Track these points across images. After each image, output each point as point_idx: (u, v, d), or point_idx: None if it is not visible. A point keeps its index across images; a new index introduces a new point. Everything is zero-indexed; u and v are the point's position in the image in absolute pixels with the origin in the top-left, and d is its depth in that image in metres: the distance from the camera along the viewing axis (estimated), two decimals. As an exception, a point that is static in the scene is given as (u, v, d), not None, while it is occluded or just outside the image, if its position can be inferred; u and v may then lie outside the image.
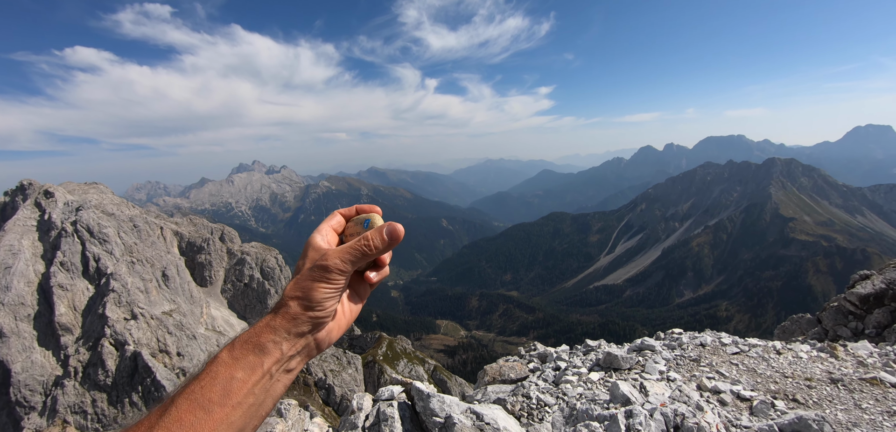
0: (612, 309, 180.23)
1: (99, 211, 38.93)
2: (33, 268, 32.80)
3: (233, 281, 50.26)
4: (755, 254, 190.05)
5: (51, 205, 37.06)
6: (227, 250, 52.98)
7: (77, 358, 29.82)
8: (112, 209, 41.09)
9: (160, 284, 39.28)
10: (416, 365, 39.19)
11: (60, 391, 28.44)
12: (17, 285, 30.91)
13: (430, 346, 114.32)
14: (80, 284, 33.91)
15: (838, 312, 9.76)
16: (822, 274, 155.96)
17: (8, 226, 34.66)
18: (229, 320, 46.58)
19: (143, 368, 29.14)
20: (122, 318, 31.42)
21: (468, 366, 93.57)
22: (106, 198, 43.07)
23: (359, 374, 36.13)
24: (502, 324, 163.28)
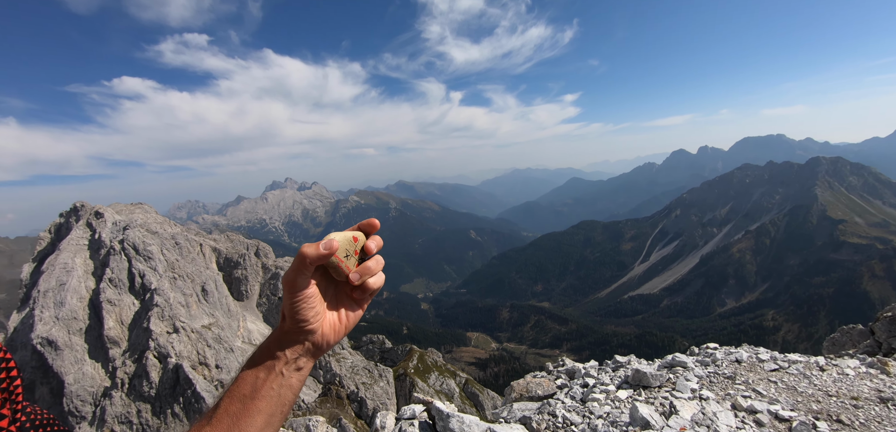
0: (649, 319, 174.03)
1: (144, 229, 40.90)
2: (85, 284, 34.70)
3: (267, 295, 51.58)
4: (803, 260, 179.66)
5: (100, 225, 39.21)
6: (262, 265, 54.52)
7: (124, 370, 31.21)
8: (156, 227, 43.09)
9: (200, 299, 40.75)
10: (447, 379, 38.89)
11: (108, 402, 29.79)
12: (70, 300, 32.76)
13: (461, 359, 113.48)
14: (127, 299, 35.59)
15: (893, 323, 8.88)
16: (879, 279, 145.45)
17: (62, 246, 36.91)
18: (264, 333, 47.74)
19: (184, 380, 30.16)
20: (164, 332, 32.71)
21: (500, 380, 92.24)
22: (150, 217, 45.21)
23: (390, 387, 36.16)
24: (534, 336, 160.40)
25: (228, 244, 56.19)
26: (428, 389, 35.82)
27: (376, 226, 0.89)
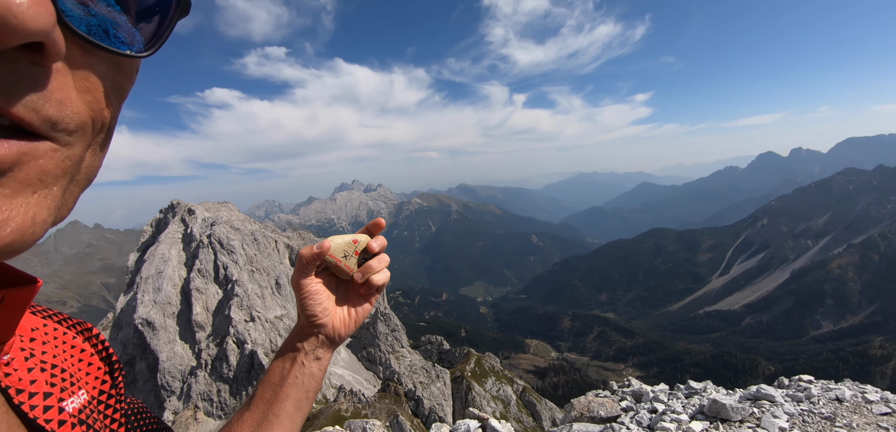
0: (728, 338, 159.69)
1: (228, 226, 44.83)
2: (178, 273, 38.73)
3: (334, 290, 54.38)
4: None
5: (192, 221, 43.53)
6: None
7: (207, 353, 34.43)
8: (238, 224, 47.05)
9: (274, 291, 43.87)
10: (505, 385, 38.49)
11: (194, 379, 33.02)
12: (166, 287, 36.73)
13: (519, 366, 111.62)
14: (212, 288, 39.20)
15: None
16: None
17: (161, 238, 41.49)
18: (330, 327, 50.34)
19: (258, 365, 32.62)
20: (243, 320, 35.62)
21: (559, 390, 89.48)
22: (233, 214, 49.43)
23: (447, 389, 36.50)
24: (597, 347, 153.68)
25: (300, 241, 59.93)
26: (484, 394, 35.72)
27: (381, 226, 0.93)
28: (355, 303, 0.90)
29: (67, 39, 0.27)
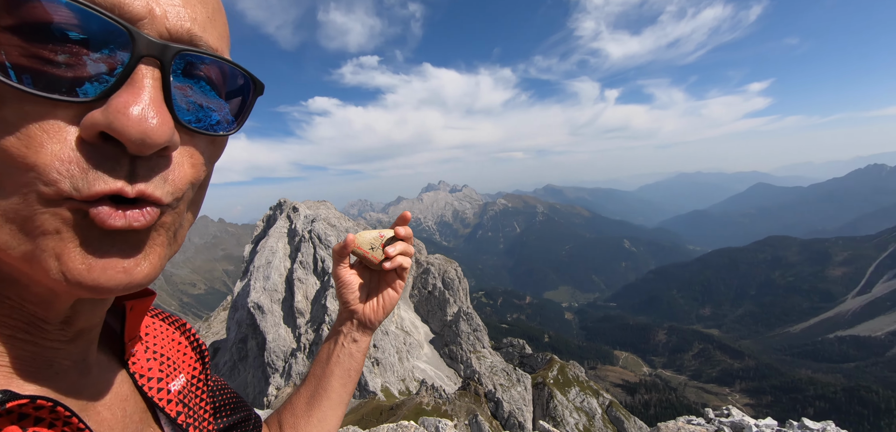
0: (867, 369, 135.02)
1: (326, 223, 48.76)
2: (284, 264, 43.05)
3: (419, 287, 56.28)
4: None
5: (296, 218, 48.07)
6: (416, 260, 59.71)
7: (306, 337, 37.83)
8: (334, 221, 50.95)
9: (364, 285, 46.80)
10: (589, 397, 36.83)
11: (294, 360, 36.49)
12: (273, 276, 41.05)
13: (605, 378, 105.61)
14: (312, 279, 42.96)
15: None
16: None
17: (270, 232, 46.45)
18: (414, 322, 52.24)
19: (349, 354, 35.09)
20: (336, 309, 38.54)
21: (651, 409, 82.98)
22: (331, 212, 53.60)
23: (528, 394, 35.94)
24: (697, 366, 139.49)
25: (388, 238, 63.08)
26: (567, 404, 34.55)
27: (407, 219, 0.99)
28: (385, 292, 0.99)
29: (180, 129, 0.38)
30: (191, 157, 0.40)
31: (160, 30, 0.35)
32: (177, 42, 0.36)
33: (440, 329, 51.28)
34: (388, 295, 0.99)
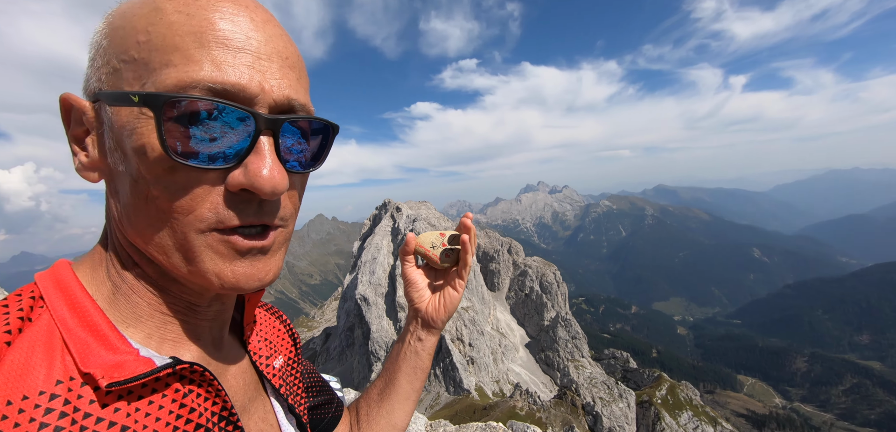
0: None
1: (426, 222, 50.85)
2: (387, 260, 45.88)
3: (516, 290, 55.84)
4: None
5: (399, 217, 50.91)
6: (513, 262, 59.33)
7: (406, 332, 39.88)
8: (434, 221, 52.88)
9: (461, 284, 47.80)
10: (706, 424, 33.13)
11: (396, 353, 38.74)
12: (378, 271, 44.00)
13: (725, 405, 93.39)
14: (412, 276, 45.20)
15: None
16: None
17: (376, 231, 49.85)
18: (510, 324, 51.96)
19: (445, 349, 36.11)
20: (434, 307, 40.01)
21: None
22: (431, 212, 55.72)
23: (631, 412, 33.55)
24: (849, 404, 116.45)
25: (486, 239, 63.55)
26: (677, 428, 31.52)
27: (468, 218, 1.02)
28: (445, 291, 1.02)
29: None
30: (291, 192, 0.58)
31: (269, 102, 0.50)
32: (281, 109, 0.52)
33: (536, 333, 50.26)
34: (449, 294, 1.01)
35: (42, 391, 0.43)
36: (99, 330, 0.51)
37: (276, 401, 0.80)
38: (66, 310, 0.51)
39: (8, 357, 0.43)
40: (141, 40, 0.49)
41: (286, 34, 0.57)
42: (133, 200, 0.51)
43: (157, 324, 0.57)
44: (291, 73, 0.55)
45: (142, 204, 0.50)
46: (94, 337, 0.50)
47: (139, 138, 0.47)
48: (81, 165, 0.54)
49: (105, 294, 0.55)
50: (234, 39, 0.48)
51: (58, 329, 0.49)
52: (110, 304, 0.55)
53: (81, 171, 0.54)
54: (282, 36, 0.55)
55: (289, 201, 0.59)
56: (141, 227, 0.51)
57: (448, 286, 1.02)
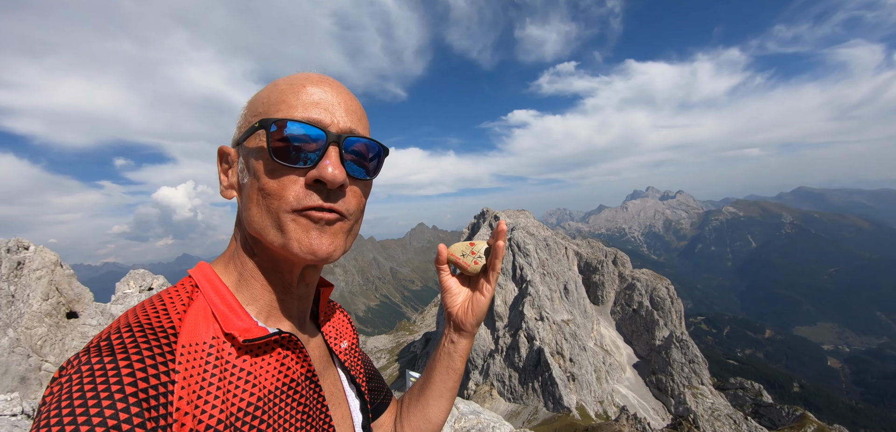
0: None
1: (524, 231, 50.02)
2: (485, 268, 46.13)
3: (622, 304, 52.04)
4: None
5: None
6: (619, 274, 55.45)
7: (503, 341, 39.44)
8: (532, 230, 51.81)
9: (562, 296, 45.98)
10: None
11: (492, 361, 38.47)
12: (476, 279, 44.42)
13: (899, 457, 75.92)
14: (510, 285, 44.65)
15: None
16: None
17: (474, 239, 50.45)
18: (616, 341, 48.50)
19: (544, 363, 34.93)
20: (533, 318, 38.97)
21: None
22: (529, 221, 54.76)
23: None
24: None
25: (589, 250, 60.41)
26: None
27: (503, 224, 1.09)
28: (474, 296, 1.10)
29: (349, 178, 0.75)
30: (354, 192, 0.77)
31: (336, 129, 0.74)
32: (343, 132, 0.74)
33: (646, 353, 46.18)
34: (477, 299, 1.09)
35: (206, 341, 0.67)
36: (232, 306, 0.74)
37: (342, 373, 1.01)
38: (212, 293, 0.74)
39: (187, 319, 0.67)
40: (264, 101, 0.76)
41: (351, 95, 0.81)
42: (250, 196, 0.74)
43: (265, 303, 0.79)
44: (353, 115, 0.77)
45: (255, 196, 0.73)
46: (229, 311, 0.73)
47: (257, 153, 0.73)
48: (224, 188, 0.78)
49: (233, 282, 0.79)
50: (315, 96, 0.74)
51: (209, 305, 0.73)
52: (237, 289, 0.78)
53: (224, 192, 0.78)
54: (347, 94, 0.80)
55: (352, 198, 0.78)
56: (253, 215, 0.74)
57: (477, 291, 1.10)
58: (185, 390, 0.59)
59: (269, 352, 0.75)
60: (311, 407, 0.79)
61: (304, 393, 0.78)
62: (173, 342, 0.62)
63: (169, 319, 0.66)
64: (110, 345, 0.57)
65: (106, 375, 0.56)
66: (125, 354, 0.56)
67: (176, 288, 0.75)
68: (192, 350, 0.64)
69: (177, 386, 0.58)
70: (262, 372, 0.72)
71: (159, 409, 0.56)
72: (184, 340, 0.64)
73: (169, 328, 0.64)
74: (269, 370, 0.74)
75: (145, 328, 0.62)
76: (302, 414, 0.77)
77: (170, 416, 0.56)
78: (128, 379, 0.56)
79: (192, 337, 0.66)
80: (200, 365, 0.64)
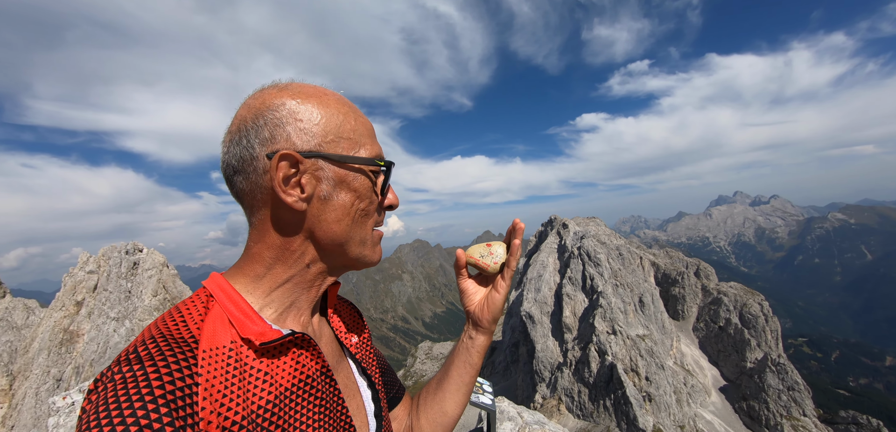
0: None
1: (595, 240, 47.94)
2: (553, 278, 44.78)
3: (706, 320, 47.89)
4: None
5: (565, 234, 49.32)
6: (702, 287, 51.13)
7: (572, 354, 37.95)
8: (604, 239, 49.49)
9: (636, 309, 43.32)
10: None
11: (560, 374, 37.13)
12: (544, 289, 43.26)
13: None
14: (579, 296, 42.96)
15: None
16: None
17: (542, 248, 49.23)
18: (699, 361, 44.66)
19: (617, 380, 33.07)
20: (605, 331, 37.11)
21: None
22: (600, 229, 52.43)
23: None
24: None
25: (667, 260, 56.42)
26: None
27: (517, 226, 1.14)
28: (491, 294, 1.16)
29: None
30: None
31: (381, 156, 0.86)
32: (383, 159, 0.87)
33: (735, 376, 41.94)
34: (492, 296, 1.15)
35: (225, 345, 0.70)
36: (246, 312, 0.77)
37: (354, 365, 1.05)
38: (226, 301, 0.77)
39: (205, 327, 0.71)
40: (349, 127, 0.82)
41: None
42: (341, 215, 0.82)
43: (278, 307, 0.83)
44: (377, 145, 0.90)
45: (354, 215, 0.82)
46: (244, 316, 0.76)
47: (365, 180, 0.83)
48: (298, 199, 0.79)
49: (247, 288, 0.82)
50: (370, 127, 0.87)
51: (225, 312, 0.76)
52: (250, 295, 0.81)
53: (296, 203, 0.79)
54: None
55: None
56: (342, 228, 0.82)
57: (493, 289, 1.16)
58: (208, 392, 0.63)
59: (284, 352, 0.78)
60: (327, 400, 0.83)
61: (320, 388, 0.82)
62: (194, 348, 0.67)
63: (187, 329, 0.70)
64: (138, 356, 0.62)
65: (137, 382, 0.61)
66: (152, 363, 0.62)
67: (192, 299, 0.79)
68: (212, 354, 0.68)
69: (200, 389, 0.62)
70: (279, 372, 0.76)
71: (186, 410, 0.61)
72: (204, 346, 0.68)
73: (188, 337, 0.68)
74: (285, 369, 0.77)
75: (168, 338, 0.66)
76: (319, 408, 0.81)
77: (195, 416, 0.61)
78: (156, 384, 0.61)
79: (211, 343, 0.70)
80: (221, 368, 0.68)
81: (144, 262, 22.10)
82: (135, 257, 22.37)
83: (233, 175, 0.81)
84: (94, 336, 19.17)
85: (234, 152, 0.79)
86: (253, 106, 0.80)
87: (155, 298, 20.99)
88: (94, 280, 21.56)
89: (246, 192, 0.81)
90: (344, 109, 0.84)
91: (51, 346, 18.94)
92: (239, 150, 0.79)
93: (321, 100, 0.82)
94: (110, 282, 20.91)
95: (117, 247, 22.16)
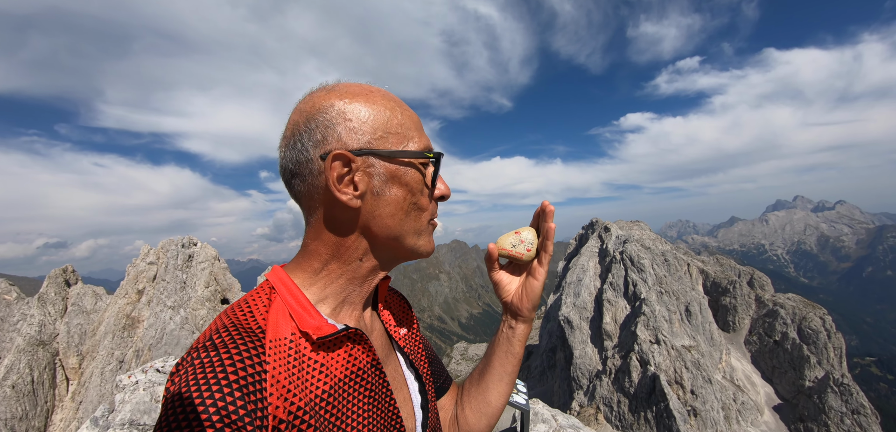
0: None
1: (639, 244, 46.27)
2: (593, 283, 43.64)
3: (760, 333, 45.08)
4: None
5: (607, 238, 47.94)
6: (756, 297, 48.18)
7: (612, 362, 36.81)
8: (648, 244, 47.68)
9: (682, 318, 41.44)
10: None
11: (598, 382, 36.09)
12: (583, 294, 42.26)
13: None
14: (621, 302, 41.61)
15: None
16: None
17: (582, 251, 48.09)
18: (751, 377, 42.12)
19: (660, 392, 31.77)
20: (647, 340, 35.75)
21: None
22: (644, 233, 50.59)
23: None
24: None
25: (717, 268, 53.56)
26: None
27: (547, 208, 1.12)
28: (528, 282, 1.15)
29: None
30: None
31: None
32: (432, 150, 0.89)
33: (791, 395, 39.21)
34: (530, 283, 1.14)
35: (286, 336, 0.75)
36: (304, 306, 0.81)
37: (402, 358, 1.07)
38: (287, 294, 0.81)
39: (270, 318, 0.76)
40: (396, 122, 0.84)
41: None
42: (394, 209, 0.84)
43: (333, 302, 0.86)
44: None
45: (407, 208, 0.85)
46: (303, 310, 0.80)
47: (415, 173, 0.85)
48: (352, 196, 0.82)
49: (305, 283, 0.85)
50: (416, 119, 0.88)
51: (285, 306, 0.80)
52: (308, 289, 0.84)
53: (351, 201, 0.81)
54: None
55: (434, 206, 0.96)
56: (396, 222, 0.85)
57: (530, 277, 1.14)
58: (275, 379, 0.68)
59: (338, 346, 0.82)
60: (376, 392, 0.86)
61: (370, 380, 0.85)
62: (263, 338, 0.71)
63: (255, 320, 0.74)
64: (213, 344, 0.67)
65: (213, 368, 0.65)
66: (226, 350, 0.67)
67: (257, 291, 0.84)
68: (277, 345, 0.73)
69: (268, 376, 0.67)
70: (333, 364, 0.80)
71: (256, 394, 0.65)
72: (270, 336, 0.73)
73: (256, 328, 0.72)
74: (339, 361, 0.81)
75: (240, 328, 0.71)
76: (369, 399, 0.84)
77: (264, 401, 0.65)
78: (230, 369, 0.65)
79: (276, 334, 0.74)
80: (284, 357, 0.72)
81: (198, 256, 23.58)
82: (190, 250, 23.90)
83: (291, 178, 0.84)
84: (152, 322, 20.61)
85: (290, 156, 0.82)
86: (304, 110, 0.82)
87: (207, 289, 22.33)
88: (154, 270, 23.18)
89: (304, 194, 0.84)
90: (390, 105, 0.85)
91: (115, 330, 20.57)
92: (294, 154, 0.81)
93: (368, 97, 0.84)
94: (168, 273, 22.41)
95: (175, 240, 23.73)
